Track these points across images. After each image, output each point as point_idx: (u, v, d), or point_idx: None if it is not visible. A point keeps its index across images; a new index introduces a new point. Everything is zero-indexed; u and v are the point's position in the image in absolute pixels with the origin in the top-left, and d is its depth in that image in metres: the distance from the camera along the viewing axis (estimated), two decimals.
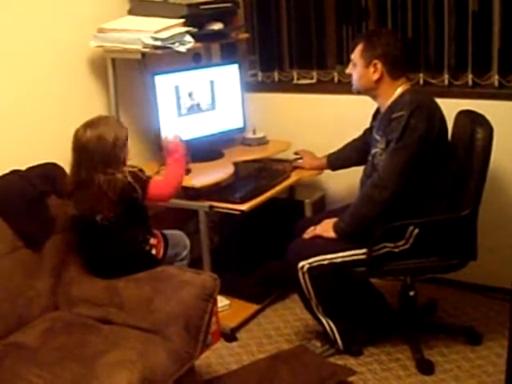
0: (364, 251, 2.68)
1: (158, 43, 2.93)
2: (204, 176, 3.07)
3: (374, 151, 2.75)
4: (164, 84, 3.16)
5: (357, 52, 2.75)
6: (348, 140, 3.15)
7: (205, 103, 3.33)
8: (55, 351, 2.26)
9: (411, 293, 2.85)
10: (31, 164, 2.69)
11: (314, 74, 3.55)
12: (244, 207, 2.89)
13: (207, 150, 3.33)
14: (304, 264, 2.71)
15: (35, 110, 2.87)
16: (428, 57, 3.23)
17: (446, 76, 3.18)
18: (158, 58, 3.10)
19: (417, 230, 2.65)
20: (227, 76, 3.40)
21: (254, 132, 3.48)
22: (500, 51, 3.03)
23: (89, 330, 2.37)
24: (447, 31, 3.13)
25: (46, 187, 2.63)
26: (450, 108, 2.79)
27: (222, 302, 3.15)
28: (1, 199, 2.52)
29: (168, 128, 3.09)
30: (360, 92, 2.83)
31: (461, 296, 3.28)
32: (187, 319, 2.36)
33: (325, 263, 2.70)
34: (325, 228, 2.76)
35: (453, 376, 2.71)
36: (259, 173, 3.27)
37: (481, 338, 2.92)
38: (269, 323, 3.20)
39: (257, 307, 3.27)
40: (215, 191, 3.05)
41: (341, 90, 3.41)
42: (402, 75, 2.74)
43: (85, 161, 2.46)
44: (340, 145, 3.18)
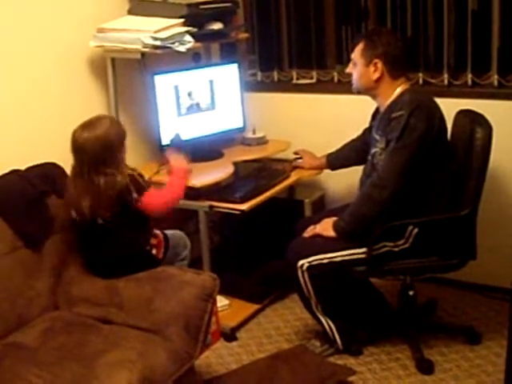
0: (364, 250, 2.68)
1: (158, 43, 2.93)
2: (204, 176, 3.07)
3: (374, 151, 2.75)
4: (164, 84, 3.16)
5: (357, 51, 2.75)
6: (347, 140, 3.15)
7: (204, 103, 3.32)
8: (55, 351, 2.26)
9: (411, 292, 2.86)
10: (31, 164, 2.69)
11: (314, 74, 3.55)
12: (244, 207, 2.90)
13: (207, 150, 3.33)
14: (304, 263, 2.71)
15: (35, 110, 2.87)
16: (427, 56, 3.23)
17: (446, 76, 3.18)
18: (158, 58, 3.10)
19: (416, 230, 2.65)
20: (227, 76, 3.40)
21: (254, 132, 3.48)
22: (499, 51, 3.03)
23: (89, 330, 2.37)
24: (446, 30, 3.13)
25: (46, 187, 2.63)
26: (450, 108, 2.80)
27: (222, 302, 3.15)
28: (1, 199, 2.52)
29: (173, 142, 3.08)
30: (360, 91, 2.83)
31: (460, 296, 3.28)
32: (187, 319, 2.36)
33: (324, 262, 2.70)
34: (324, 227, 2.77)
35: (452, 375, 2.71)
36: (259, 172, 3.27)
37: (480, 338, 2.92)
38: (269, 323, 3.20)
39: (257, 307, 3.27)
40: (215, 191, 3.05)
41: (340, 90, 3.41)
42: (402, 75, 2.74)
43: (84, 161, 2.46)
44: (339, 144, 3.18)
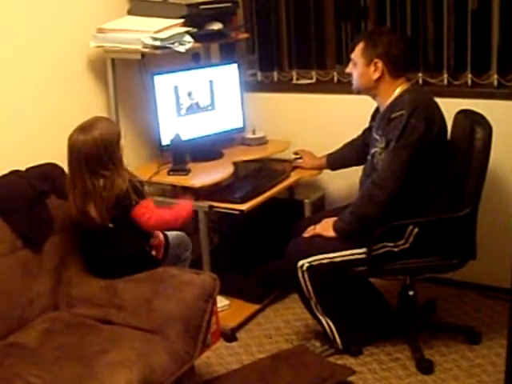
0: (364, 251, 2.68)
1: (158, 43, 2.93)
2: (203, 176, 3.07)
3: (374, 151, 2.75)
4: (163, 84, 3.16)
5: (357, 51, 2.75)
6: (347, 140, 3.15)
7: (204, 103, 3.32)
8: (55, 351, 2.26)
9: (411, 292, 2.86)
10: (31, 164, 2.69)
11: (314, 74, 3.55)
12: (244, 207, 2.89)
13: (207, 150, 3.33)
14: (304, 263, 2.71)
15: (35, 111, 2.87)
16: (427, 56, 3.23)
17: (445, 76, 3.18)
18: (158, 58, 3.10)
19: (416, 230, 2.65)
20: (226, 76, 3.40)
21: (254, 132, 3.48)
22: (499, 50, 3.03)
23: (88, 330, 2.38)
24: (446, 30, 3.13)
25: (46, 187, 2.62)
26: (450, 108, 2.80)
27: (222, 302, 3.14)
28: (0, 199, 2.52)
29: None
30: (360, 91, 2.83)
31: (460, 295, 3.28)
32: (187, 319, 2.36)
33: (324, 262, 2.70)
34: (324, 227, 2.76)
35: (452, 375, 2.71)
36: (259, 173, 3.27)
37: (480, 338, 2.92)
38: (269, 323, 3.20)
39: (257, 307, 3.27)
40: (215, 191, 3.05)
41: (340, 90, 3.41)
42: (402, 75, 2.74)
43: (82, 165, 2.46)
44: (339, 145, 3.18)
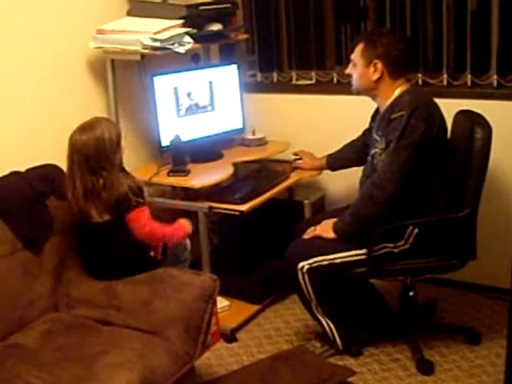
0: (364, 252, 2.68)
1: (157, 44, 2.93)
2: (203, 177, 3.07)
3: (374, 152, 2.75)
4: (163, 85, 3.16)
5: (357, 51, 2.75)
6: (347, 140, 3.15)
7: (204, 104, 3.32)
8: (55, 352, 2.26)
9: (411, 293, 2.86)
10: (31, 165, 2.69)
11: (313, 75, 3.55)
12: (243, 208, 2.89)
13: (206, 151, 3.33)
14: (304, 265, 2.71)
15: (35, 112, 2.87)
16: (427, 57, 3.24)
17: (445, 76, 3.18)
18: (157, 59, 3.10)
19: (416, 230, 2.65)
20: (226, 77, 3.40)
21: (254, 133, 3.48)
22: (499, 51, 3.03)
23: (88, 331, 2.37)
24: (446, 31, 3.13)
25: (46, 188, 2.63)
26: (449, 108, 2.80)
27: (222, 303, 3.14)
28: (0, 200, 2.52)
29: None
30: (359, 92, 2.83)
31: (460, 296, 3.28)
32: (187, 320, 2.36)
33: (324, 264, 2.70)
34: (324, 228, 2.76)
35: (452, 376, 2.71)
36: (258, 173, 3.27)
37: (480, 338, 2.92)
38: (269, 324, 3.20)
39: (257, 308, 3.27)
40: (215, 192, 3.05)
41: (340, 91, 3.41)
42: (402, 75, 2.74)
43: (82, 164, 2.46)
44: (339, 145, 3.18)
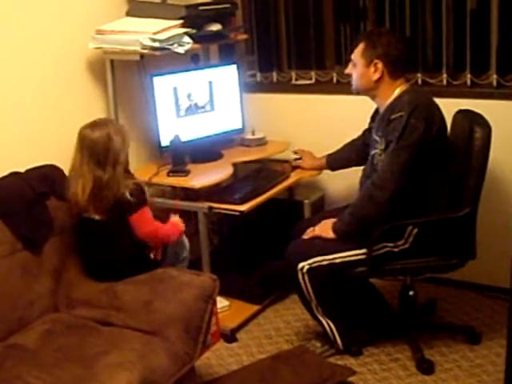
0: (364, 251, 2.68)
1: (157, 44, 2.93)
2: (203, 177, 3.07)
3: (374, 152, 2.75)
4: (162, 85, 3.16)
5: (357, 51, 2.74)
6: (346, 140, 3.15)
7: (203, 104, 3.33)
8: (55, 353, 2.26)
9: (411, 293, 2.86)
10: (30, 166, 2.69)
11: (313, 75, 3.55)
12: (243, 208, 2.89)
13: (206, 151, 3.33)
14: (304, 265, 2.71)
15: (34, 112, 2.87)
16: (426, 56, 3.24)
17: (445, 76, 3.18)
18: (157, 60, 3.10)
19: (416, 230, 2.65)
20: (226, 77, 3.40)
21: (253, 133, 3.48)
22: (498, 50, 3.03)
23: (89, 332, 2.37)
24: (445, 30, 3.13)
25: (46, 189, 2.63)
26: (449, 108, 2.80)
27: (222, 303, 3.14)
28: (0, 201, 2.52)
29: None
30: (359, 92, 2.82)
31: (460, 295, 3.28)
32: (187, 320, 2.37)
33: (324, 264, 2.70)
34: (323, 228, 2.76)
35: (453, 375, 2.71)
36: (258, 173, 3.27)
37: (480, 338, 2.92)
38: (269, 324, 3.20)
39: (257, 308, 3.27)
40: (214, 192, 3.05)
41: (339, 91, 3.41)
42: (402, 75, 2.74)
43: (92, 158, 2.47)
44: (339, 145, 3.18)
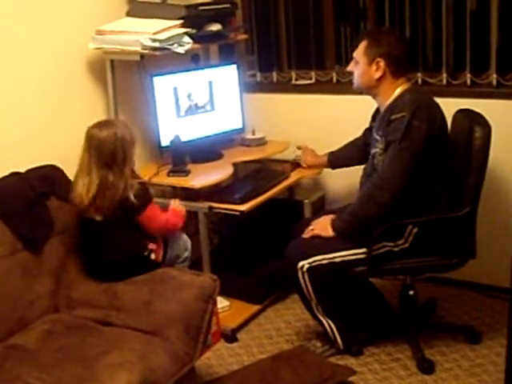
0: (364, 251, 2.68)
1: (157, 45, 2.93)
2: (203, 177, 3.08)
3: (374, 151, 2.75)
4: (163, 85, 3.16)
5: (360, 49, 2.74)
6: (347, 140, 3.15)
7: (203, 104, 3.33)
8: (55, 353, 2.26)
9: (411, 292, 2.86)
10: (31, 166, 2.69)
11: (313, 75, 3.55)
12: (243, 208, 2.90)
13: (206, 151, 3.33)
14: (304, 264, 2.71)
15: (34, 112, 2.87)
16: (426, 56, 3.24)
17: (444, 75, 3.18)
18: (157, 60, 3.10)
19: (416, 229, 2.65)
20: (226, 77, 3.40)
21: (253, 132, 3.48)
22: (498, 50, 3.03)
23: (89, 332, 2.38)
24: (445, 30, 3.13)
25: (46, 189, 2.63)
26: (449, 107, 2.79)
27: (222, 303, 3.14)
28: (0, 201, 2.52)
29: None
30: (361, 90, 2.82)
31: (460, 295, 3.28)
32: (187, 320, 2.37)
33: (324, 263, 2.70)
34: (323, 226, 2.76)
35: (453, 375, 2.71)
36: (258, 173, 3.27)
37: (481, 337, 2.92)
38: (269, 324, 3.20)
39: (257, 308, 3.27)
40: (214, 192, 3.05)
41: (339, 91, 3.41)
42: (403, 75, 2.74)
43: (100, 157, 2.49)
44: (339, 145, 3.18)
